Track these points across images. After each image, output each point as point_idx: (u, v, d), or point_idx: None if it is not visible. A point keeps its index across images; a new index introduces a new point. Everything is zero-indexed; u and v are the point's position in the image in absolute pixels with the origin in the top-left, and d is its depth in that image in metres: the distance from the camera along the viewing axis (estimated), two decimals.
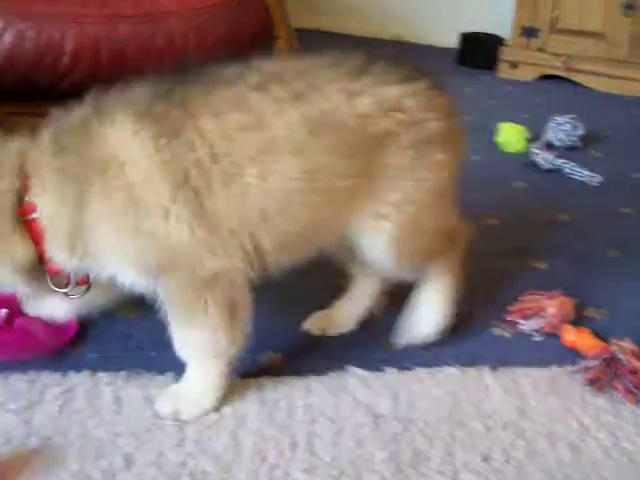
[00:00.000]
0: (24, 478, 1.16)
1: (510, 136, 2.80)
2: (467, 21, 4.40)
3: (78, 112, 1.31)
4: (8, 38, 2.18)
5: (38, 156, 1.29)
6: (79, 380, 1.39)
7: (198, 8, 2.41)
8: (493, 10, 4.38)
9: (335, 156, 1.32)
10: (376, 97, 1.35)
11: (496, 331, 1.64)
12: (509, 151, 2.79)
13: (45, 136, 1.30)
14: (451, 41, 4.44)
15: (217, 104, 1.27)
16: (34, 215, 1.27)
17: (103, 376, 1.40)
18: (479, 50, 4.21)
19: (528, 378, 1.46)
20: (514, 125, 2.86)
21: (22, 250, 1.30)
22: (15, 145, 1.31)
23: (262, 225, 1.29)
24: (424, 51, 4.60)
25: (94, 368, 1.43)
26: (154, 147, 1.23)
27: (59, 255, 1.29)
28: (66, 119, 1.32)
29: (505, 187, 2.47)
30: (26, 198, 1.27)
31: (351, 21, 4.87)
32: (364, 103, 1.34)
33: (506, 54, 4.04)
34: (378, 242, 1.43)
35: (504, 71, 4.05)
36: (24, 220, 1.28)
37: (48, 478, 1.16)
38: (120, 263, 1.28)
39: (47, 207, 1.27)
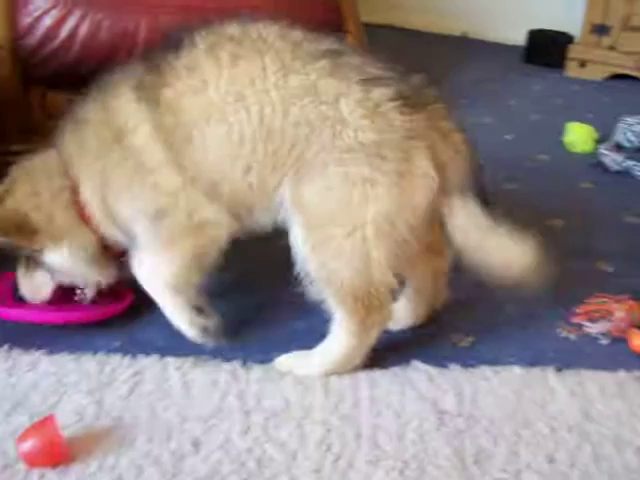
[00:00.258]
0: (96, 456, 1.20)
1: (578, 136, 2.75)
2: (535, 18, 4.33)
3: (88, 98, 1.48)
4: (85, 28, 2.24)
5: (68, 150, 1.47)
6: (148, 363, 1.43)
7: (267, 0, 2.42)
8: (563, 7, 4.31)
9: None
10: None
11: (561, 333, 1.62)
12: (577, 151, 2.74)
13: (66, 129, 1.48)
14: (519, 38, 4.38)
15: (177, 71, 1.36)
16: (85, 204, 1.45)
17: (171, 361, 1.44)
18: (547, 48, 4.13)
19: (594, 381, 1.44)
20: (583, 125, 2.82)
21: (89, 239, 1.47)
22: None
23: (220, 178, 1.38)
24: (491, 48, 4.56)
25: (162, 353, 1.47)
26: (149, 113, 1.37)
27: (111, 232, 1.46)
28: (78, 108, 1.49)
29: (572, 187, 2.43)
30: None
31: (419, 17, 4.85)
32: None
33: (575, 52, 3.97)
34: (294, 226, 1.39)
35: (572, 70, 3.97)
36: (81, 212, 1.45)
37: (119, 457, 1.19)
38: (133, 211, 1.42)
39: (87, 191, 1.45)
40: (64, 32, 2.22)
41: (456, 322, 1.62)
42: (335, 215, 1.34)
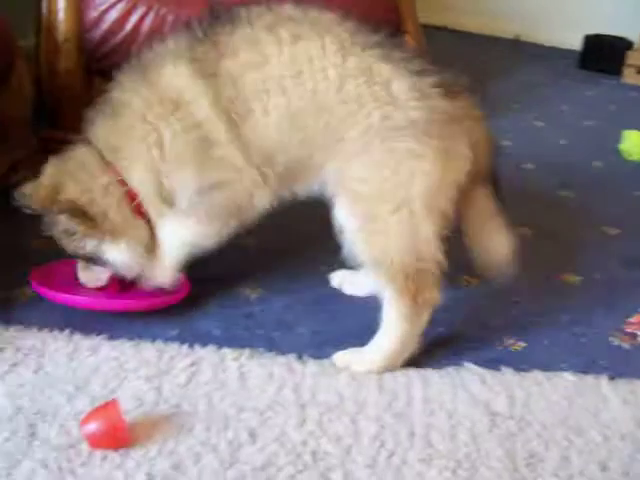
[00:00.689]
0: (156, 441, 1.23)
1: (635, 144, 2.73)
2: (592, 22, 4.29)
3: (119, 83, 1.51)
4: (149, 22, 2.28)
5: (106, 141, 1.49)
6: (205, 353, 1.46)
7: None
8: (621, 11, 4.26)
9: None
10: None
11: (614, 341, 1.62)
12: (633, 159, 2.72)
13: (98, 121, 1.52)
14: (574, 43, 4.35)
15: (236, 45, 1.41)
16: (136, 194, 1.47)
17: (228, 352, 1.46)
18: (603, 53, 4.10)
19: None
20: (639, 133, 2.79)
21: (145, 232, 1.51)
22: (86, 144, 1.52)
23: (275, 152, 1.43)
24: (545, 52, 4.53)
25: (218, 343, 1.50)
26: (207, 86, 1.40)
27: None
28: (109, 96, 1.53)
29: (628, 195, 2.41)
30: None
31: (471, 19, 4.83)
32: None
33: (633, 58, 3.93)
34: (340, 203, 1.44)
35: (630, 76, 3.94)
36: (133, 205, 1.48)
37: (178, 443, 1.22)
38: (186, 183, 1.45)
39: (136, 177, 1.46)
40: (129, 25, 2.26)
41: (509, 326, 1.63)
42: (382, 191, 1.39)
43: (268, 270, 1.79)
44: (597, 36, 4.18)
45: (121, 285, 1.61)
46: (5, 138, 2.19)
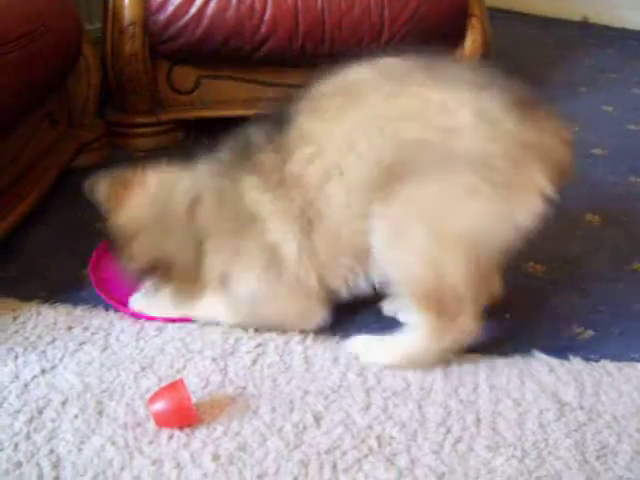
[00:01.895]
0: (221, 421, 1.24)
1: None
2: None
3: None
4: (213, 5, 2.30)
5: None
6: (270, 337, 1.46)
7: None
8: None
9: None
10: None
11: None
12: None
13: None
14: None
15: (290, 144, 1.35)
16: None
17: (293, 335, 1.46)
18: None
19: None
20: None
21: None
22: None
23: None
24: (613, 34, 4.40)
25: None
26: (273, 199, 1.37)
27: None
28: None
29: None
30: None
31: (539, 1, 4.73)
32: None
33: None
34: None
35: None
36: None
37: (243, 424, 1.23)
38: None
39: None
40: (193, 9, 2.28)
41: (577, 315, 1.59)
42: (424, 217, 1.28)
43: None
44: None
45: None
46: (72, 122, 2.23)
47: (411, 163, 1.27)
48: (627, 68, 3.71)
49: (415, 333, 1.38)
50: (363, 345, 1.43)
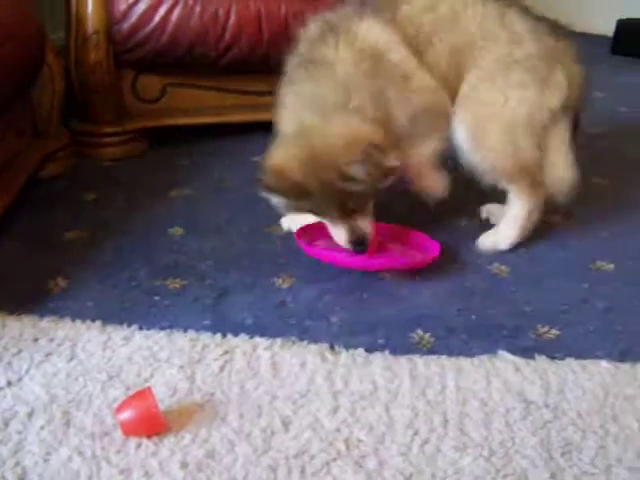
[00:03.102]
0: (189, 429, 1.23)
1: None
2: (625, 7, 4.22)
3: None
4: (177, 13, 2.30)
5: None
6: (238, 343, 1.46)
7: None
8: None
9: None
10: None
11: None
12: None
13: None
14: (606, 29, 4.28)
15: None
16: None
17: (261, 341, 1.46)
18: (636, 38, 4.03)
19: None
20: None
21: None
22: None
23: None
24: (576, 39, 4.44)
25: (250, 333, 1.50)
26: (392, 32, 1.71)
27: None
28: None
29: None
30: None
31: None
32: None
33: None
34: (461, 123, 1.77)
35: None
36: None
37: (211, 431, 1.23)
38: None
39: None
40: (157, 17, 2.29)
41: (542, 314, 1.61)
42: (496, 113, 1.74)
43: (298, 259, 1.78)
44: (629, 20, 4.11)
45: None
46: (36, 131, 2.22)
47: (481, 54, 1.75)
48: (590, 71, 3.74)
49: (517, 205, 1.85)
50: (493, 238, 1.88)
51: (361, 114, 1.61)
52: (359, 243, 1.65)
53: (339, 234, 1.67)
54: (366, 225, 1.66)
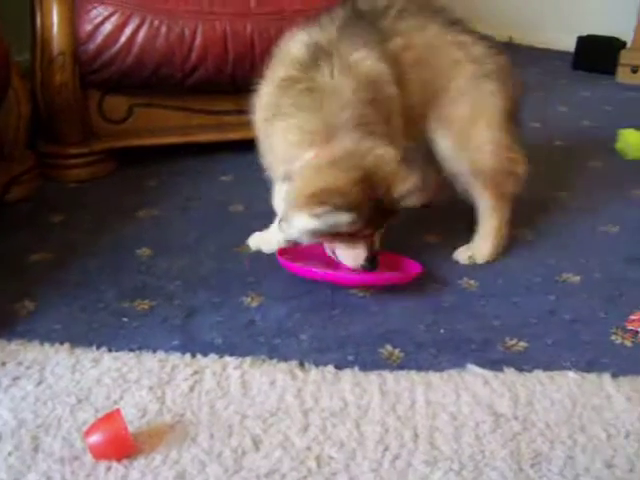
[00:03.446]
0: (160, 451, 1.23)
1: (631, 143, 2.73)
2: (585, 23, 4.30)
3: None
4: (143, 34, 2.30)
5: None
6: (207, 363, 1.46)
7: (323, 7, 2.45)
8: (614, 12, 4.28)
9: None
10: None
11: (616, 339, 1.61)
12: (629, 158, 2.72)
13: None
14: (568, 44, 4.36)
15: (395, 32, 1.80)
16: None
17: (230, 360, 1.46)
18: (597, 53, 4.11)
19: None
20: (635, 131, 2.79)
21: None
22: None
23: None
24: (538, 54, 4.54)
25: (220, 352, 1.50)
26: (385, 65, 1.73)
27: None
28: None
29: (626, 194, 2.41)
30: None
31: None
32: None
33: (627, 58, 3.94)
34: (442, 137, 1.88)
35: (624, 76, 3.94)
36: None
37: (182, 452, 1.22)
38: None
39: None
40: (123, 38, 2.28)
41: (510, 327, 1.63)
42: (474, 120, 1.86)
43: (267, 277, 1.79)
44: (590, 36, 4.19)
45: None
46: (2, 154, 2.20)
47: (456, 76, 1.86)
48: (552, 86, 3.83)
49: (490, 218, 1.95)
50: (469, 252, 1.94)
51: (380, 138, 1.61)
52: (373, 260, 1.64)
53: (356, 253, 1.64)
54: (378, 241, 1.67)
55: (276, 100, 1.66)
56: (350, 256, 1.64)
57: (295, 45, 1.70)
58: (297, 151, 1.60)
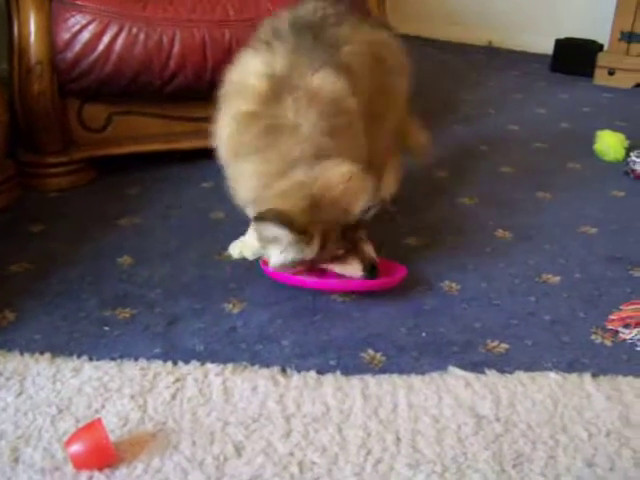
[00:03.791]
0: (142, 459, 1.22)
1: (609, 144, 2.75)
2: (563, 26, 4.34)
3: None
4: (121, 42, 2.29)
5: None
6: (189, 370, 1.46)
7: None
8: (591, 15, 4.32)
9: None
10: None
11: (597, 339, 1.62)
12: (608, 159, 2.74)
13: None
14: (546, 47, 4.39)
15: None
16: None
17: (212, 367, 1.46)
18: (574, 56, 4.14)
19: (631, 387, 1.45)
20: (613, 133, 2.81)
21: None
22: None
23: None
24: (517, 57, 4.57)
25: (202, 359, 1.50)
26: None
27: None
28: None
29: (604, 195, 2.43)
30: None
31: (445, 28, 4.89)
32: None
33: (603, 60, 3.97)
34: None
35: (601, 78, 3.97)
36: None
37: (164, 460, 1.22)
38: None
39: None
40: (101, 46, 2.28)
41: (491, 329, 1.63)
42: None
43: (248, 284, 1.79)
44: (568, 39, 4.22)
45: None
46: None
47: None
48: (531, 89, 3.85)
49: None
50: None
51: (340, 156, 1.61)
52: (372, 268, 1.64)
53: (352, 267, 1.64)
54: (371, 249, 1.65)
55: (238, 138, 1.65)
56: (347, 271, 1.65)
57: (254, 77, 1.66)
58: (256, 193, 1.61)
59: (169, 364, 1.47)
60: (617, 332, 1.64)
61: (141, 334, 1.59)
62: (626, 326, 1.65)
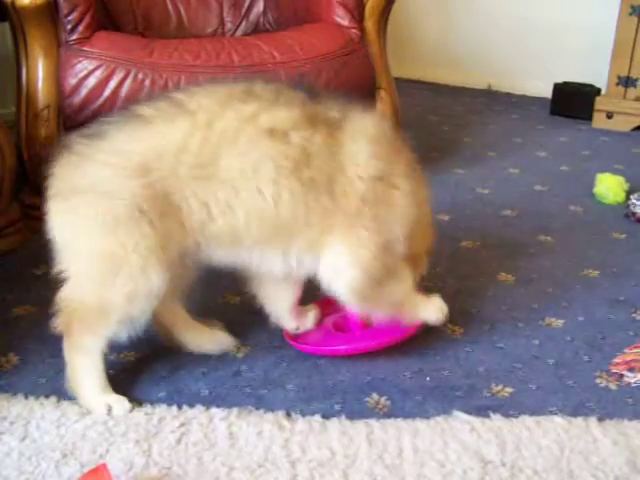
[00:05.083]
0: None
1: (609, 187, 2.77)
2: (561, 71, 4.40)
3: None
4: (127, 87, 2.32)
5: None
6: (194, 414, 1.45)
7: (304, 59, 2.50)
8: (588, 59, 4.37)
9: None
10: None
11: (601, 382, 1.62)
12: (608, 202, 2.76)
13: None
14: (544, 91, 4.45)
15: None
16: None
17: (217, 411, 1.46)
18: (573, 100, 4.18)
19: (638, 432, 1.44)
20: (613, 176, 2.83)
21: None
22: None
23: None
24: (517, 101, 4.62)
25: (207, 403, 1.49)
26: None
27: None
28: None
29: (606, 238, 2.44)
30: None
31: (445, 71, 4.95)
32: None
33: (601, 104, 4.01)
34: None
35: (599, 121, 4.01)
36: None
37: None
38: None
39: None
40: (107, 91, 2.31)
41: (495, 373, 1.64)
42: None
43: (253, 328, 1.79)
44: (566, 83, 4.27)
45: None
46: None
47: None
48: (530, 132, 3.89)
49: None
50: None
51: None
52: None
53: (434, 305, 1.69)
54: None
55: None
56: (429, 310, 1.67)
57: None
58: None
59: (174, 408, 1.47)
60: (622, 376, 1.64)
61: (146, 378, 1.59)
62: (631, 370, 1.65)
